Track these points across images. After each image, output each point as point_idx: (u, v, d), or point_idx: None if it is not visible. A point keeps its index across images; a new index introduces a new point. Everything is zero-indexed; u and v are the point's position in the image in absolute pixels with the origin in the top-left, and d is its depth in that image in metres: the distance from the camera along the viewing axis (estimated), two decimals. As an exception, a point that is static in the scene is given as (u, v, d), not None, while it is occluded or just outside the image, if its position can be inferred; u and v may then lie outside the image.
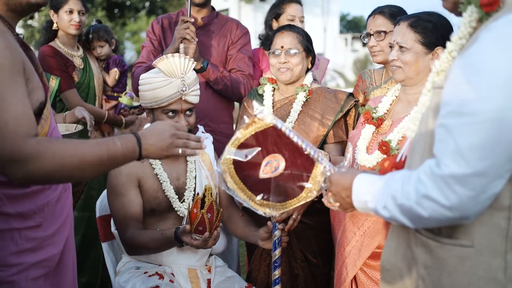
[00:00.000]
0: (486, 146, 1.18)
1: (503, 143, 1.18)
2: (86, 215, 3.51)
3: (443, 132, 1.25)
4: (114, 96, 3.82)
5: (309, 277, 2.74)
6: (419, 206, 1.27)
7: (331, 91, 2.79)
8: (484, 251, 1.29)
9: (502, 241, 1.27)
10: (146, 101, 2.46)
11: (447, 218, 1.25)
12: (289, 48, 2.69)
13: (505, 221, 1.26)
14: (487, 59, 1.20)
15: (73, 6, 3.45)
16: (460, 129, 1.21)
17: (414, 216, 1.30)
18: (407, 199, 1.30)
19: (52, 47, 3.48)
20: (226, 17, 3.47)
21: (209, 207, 2.20)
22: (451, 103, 1.25)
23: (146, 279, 2.39)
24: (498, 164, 1.19)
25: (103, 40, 3.77)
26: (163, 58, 2.38)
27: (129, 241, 2.39)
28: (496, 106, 1.16)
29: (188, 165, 2.60)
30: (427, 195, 1.25)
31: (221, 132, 3.23)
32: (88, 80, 3.60)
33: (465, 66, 1.25)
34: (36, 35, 18.57)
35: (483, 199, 1.21)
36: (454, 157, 1.21)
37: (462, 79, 1.24)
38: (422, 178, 1.27)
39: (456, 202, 1.21)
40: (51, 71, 3.36)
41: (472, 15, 1.34)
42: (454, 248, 1.32)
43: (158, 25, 3.36)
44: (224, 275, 2.57)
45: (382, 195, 1.39)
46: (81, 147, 1.55)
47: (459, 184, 1.20)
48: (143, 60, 3.28)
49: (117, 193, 2.43)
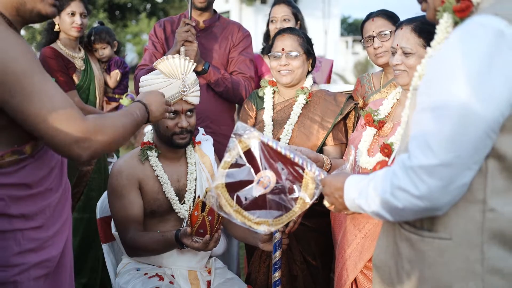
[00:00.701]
0: (453, 138, 1.24)
1: (468, 136, 1.24)
2: (86, 216, 3.51)
3: (415, 127, 1.33)
4: (115, 98, 3.83)
5: (308, 279, 2.75)
6: (394, 197, 1.34)
7: (331, 94, 2.80)
8: (461, 243, 1.34)
9: (478, 233, 1.32)
10: None
11: (420, 208, 1.31)
12: (290, 51, 2.70)
13: (480, 214, 1.31)
14: (451, 55, 1.28)
15: (75, 8, 3.46)
16: (428, 123, 1.28)
17: (391, 208, 1.37)
18: (384, 191, 1.37)
19: (53, 48, 3.49)
20: (228, 20, 3.49)
21: (210, 210, 2.21)
22: (423, 100, 1.33)
23: (146, 280, 2.39)
24: (464, 155, 1.25)
25: (105, 42, 3.78)
26: (163, 60, 2.40)
27: (130, 242, 2.39)
28: (460, 101, 1.23)
29: (188, 167, 2.61)
30: (399, 186, 1.32)
31: (222, 134, 3.24)
32: (88, 82, 3.60)
33: (433, 64, 1.34)
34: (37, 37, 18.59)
35: (451, 189, 1.27)
36: (423, 149, 1.27)
37: (431, 77, 1.33)
38: (395, 170, 1.34)
39: (425, 192, 1.27)
40: (51, 72, 3.37)
41: (448, 21, 1.42)
42: (434, 241, 1.38)
43: (160, 28, 3.37)
44: (224, 277, 2.58)
45: (366, 191, 1.46)
46: (122, 119, 1.77)
47: (427, 174, 1.26)
48: (146, 63, 3.29)
49: (118, 195, 2.44)
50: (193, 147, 2.66)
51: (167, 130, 2.46)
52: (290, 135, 2.70)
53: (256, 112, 2.88)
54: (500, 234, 1.30)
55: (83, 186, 3.53)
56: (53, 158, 1.78)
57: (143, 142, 2.57)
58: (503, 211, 1.30)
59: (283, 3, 3.59)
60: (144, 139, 2.59)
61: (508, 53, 1.22)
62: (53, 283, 1.83)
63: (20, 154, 1.62)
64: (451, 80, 1.26)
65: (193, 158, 2.62)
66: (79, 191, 3.52)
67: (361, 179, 1.55)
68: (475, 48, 1.24)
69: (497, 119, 1.24)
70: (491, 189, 1.30)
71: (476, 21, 1.28)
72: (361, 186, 1.51)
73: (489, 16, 1.27)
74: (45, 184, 1.72)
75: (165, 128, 2.46)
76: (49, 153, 1.75)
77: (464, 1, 1.38)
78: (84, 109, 3.47)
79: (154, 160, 2.52)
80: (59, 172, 1.83)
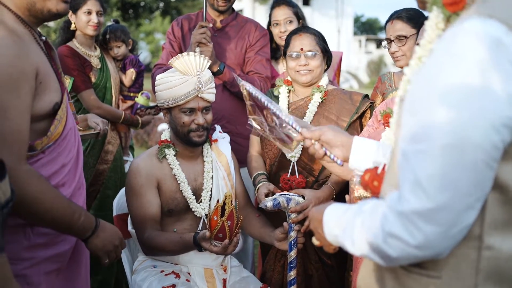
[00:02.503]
0: (446, 174, 1.03)
1: (464, 169, 1.03)
2: (102, 214, 3.53)
3: (402, 159, 1.12)
4: (131, 96, 3.84)
5: (323, 278, 2.75)
6: (387, 245, 1.13)
7: (347, 93, 2.80)
8: (452, 283, 1.15)
9: (472, 273, 1.13)
10: (163, 101, 2.48)
11: (417, 257, 1.12)
12: (309, 50, 2.69)
13: (475, 252, 1.12)
14: (436, 74, 1.06)
15: (91, 7, 3.47)
16: (416, 157, 1.07)
17: (383, 256, 1.16)
18: (374, 236, 1.15)
19: (70, 47, 3.50)
20: (246, 18, 3.47)
21: (229, 214, 2.22)
22: (407, 124, 1.12)
23: (163, 278, 2.41)
24: (463, 193, 1.04)
25: (120, 40, 3.78)
26: (178, 57, 2.41)
27: (147, 241, 2.41)
28: (451, 129, 1.02)
29: (205, 165, 2.62)
30: (392, 234, 1.11)
31: (238, 133, 3.24)
32: (105, 80, 3.62)
33: (418, 81, 1.13)
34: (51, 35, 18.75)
35: (453, 233, 1.07)
36: (413, 190, 1.07)
37: (415, 98, 1.11)
38: (386, 213, 1.13)
39: (422, 240, 1.07)
40: (68, 71, 3.39)
41: (439, 16, 1.21)
42: (421, 278, 1.19)
43: (177, 27, 3.37)
44: (240, 275, 2.59)
45: (351, 229, 1.24)
46: (59, 199, 1.68)
47: (423, 220, 1.06)
48: (163, 62, 3.29)
49: (136, 193, 2.45)
50: (210, 145, 2.68)
51: (183, 126, 2.47)
52: (305, 134, 2.70)
53: (272, 112, 2.88)
54: (496, 274, 1.12)
55: (100, 184, 3.55)
56: (66, 155, 1.80)
57: (160, 140, 2.58)
58: (501, 248, 1.10)
59: (283, 5, 3.52)
60: (162, 137, 2.61)
61: (509, 68, 1.01)
62: (67, 278, 1.87)
63: (30, 150, 1.65)
64: (437, 105, 1.04)
65: (210, 157, 2.63)
66: (96, 190, 3.54)
67: (343, 211, 1.32)
68: (465, 65, 1.02)
69: (496, 145, 1.03)
70: (489, 224, 1.10)
71: (467, 28, 1.05)
72: (345, 221, 1.29)
73: (484, 20, 1.05)
74: (56, 180, 1.75)
75: (182, 124, 2.47)
76: (61, 149, 1.78)
77: None
78: (101, 108, 3.50)
79: (171, 159, 2.53)
80: (73, 168, 1.86)
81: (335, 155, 1.70)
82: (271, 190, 2.59)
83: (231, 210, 2.24)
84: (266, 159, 2.82)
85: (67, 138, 1.80)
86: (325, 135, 1.70)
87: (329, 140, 1.70)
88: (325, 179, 2.68)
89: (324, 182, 2.67)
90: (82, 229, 1.76)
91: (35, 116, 1.64)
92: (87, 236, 1.79)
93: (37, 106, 1.65)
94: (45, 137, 1.69)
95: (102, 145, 3.57)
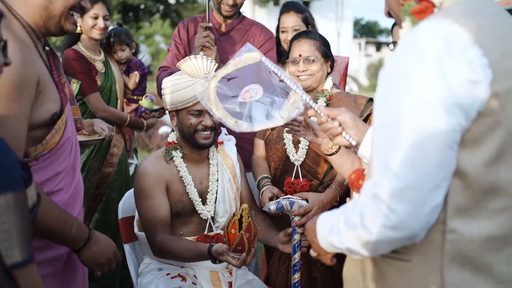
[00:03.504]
0: (413, 157, 1.14)
1: (430, 151, 1.14)
2: (107, 217, 3.54)
3: (374, 148, 1.25)
4: (135, 99, 3.85)
5: (328, 281, 2.75)
6: (365, 230, 1.21)
7: (351, 96, 2.80)
8: (421, 265, 1.25)
9: (438, 255, 1.23)
10: (171, 103, 2.48)
11: (395, 239, 1.20)
12: (308, 56, 2.70)
13: (440, 235, 1.22)
14: (398, 67, 1.20)
15: (98, 11, 3.48)
16: (386, 143, 1.19)
17: (365, 243, 1.23)
18: (354, 225, 1.24)
19: (76, 50, 3.51)
20: (252, 21, 3.46)
21: (247, 227, 2.23)
22: (377, 115, 1.25)
23: (169, 280, 2.41)
24: (430, 174, 1.14)
25: (124, 43, 3.80)
26: (186, 60, 2.42)
27: (159, 245, 2.40)
28: (413, 115, 1.15)
29: (210, 168, 2.62)
30: (369, 217, 1.20)
31: (242, 138, 3.24)
32: (110, 84, 3.63)
33: (383, 76, 1.25)
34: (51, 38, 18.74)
35: (425, 212, 1.16)
36: (385, 173, 1.17)
37: (382, 91, 1.24)
38: (363, 200, 1.23)
39: (397, 220, 1.16)
40: (75, 74, 3.40)
41: (410, 25, 1.32)
42: (394, 262, 1.29)
43: (184, 29, 3.37)
44: (245, 278, 2.60)
45: (337, 226, 1.32)
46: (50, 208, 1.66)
47: (396, 200, 1.15)
48: (168, 65, 3.29)
49: (145, 196, 2.45)
50: (215, 148, 2.68)
51: (190, 127, 2.48)
52: (310, 137, 2.70)
53: (275, 114, 2.89)
54: (460, 256, 1.22)
55: (105, 187, 3.56)
56: (60, 163, 1.81)
57: (168, 142, 2.59)
58: (463, 231, 1.21)
59: (292, 11, 3.52)
60: (168, 139, 2.62)
61: (459, 58, 1.14)
62: (62, 282, 1.86)
63: (24, 157, 1.66)
64: (400, 95, 1.17)
65: (215, 159, 2.64)
66: (101, 193, 3.55)
67: (331, 214, 1.40)
68: (422, 57, 1.15)
69: (455, 127, 1.14)
70: (452, 209, 1.21)
71: (424, 26, 1.19)
72: (332, 221, 1.37)
73: (440, 19, 1.19)
74: (49, 186, 1.76)
75: (189, 125, 2.48)
76: (55, 158, 1.78)
77: (423, 1, 1.28)
78: (107, 111, 3.52)
79: (179, 161, 2.54)
80: (69, 175, 1.87)
81: (350, 135, 1.76)
82: (275, 193, 2.59)
83: (249, 223, 2.24)
84: (271, 162, 2.82)
85: (62, 147, 1.80)
86: (343, 115, 1.77)
87: (345, 120, 1.77)
88: (329, 182, 2.68)
89: (328, 184, 2.68)
90: (73, 239, 1.75)
91: (32, 124, 1.65)
92: (79, 247, 1.78)
93: (35, 115, 1.65)
94: (40, 144, 1.70)
95: (108, 148, 3.58)
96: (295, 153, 2.71)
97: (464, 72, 1.13)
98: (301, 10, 3.55)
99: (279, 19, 3.59)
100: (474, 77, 1.14)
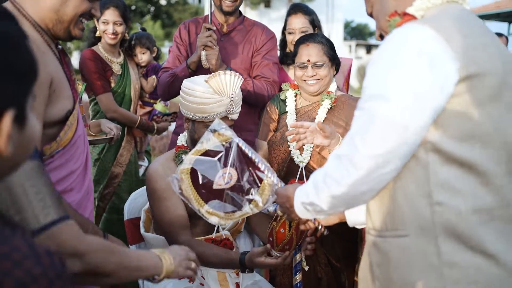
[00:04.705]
0: (375, 141, 1.30)
1: (390, 142, 1.29)
2: (115, 217, 3.56)
3: (353, 120, 1.41)
4: (150, 103, 3.90)
5: (333, 281, 2.77)
6: (325, 184, 1.42)
7: (355, 99, 2.81)
8: (418, 238, 1.36)
9: (431, 227, 1.34)
10: (190, 113, 2.42)
11: (343, 194, 1.39)
12: (316, 62, 2.70)
13: (429, 208, 1.34)
14: (379, 61, 1.36)
15: (108, 17, 3.52)
16: (357, 120, 1.38)
17: (323, 195, 1.44)
18: (318, 181, 1.47)
19: (93, 51, 3.57)
20: (253, 21, 3.46)
21: (296, 226, 2.21)
22: (362, 95, 1.40)
23: (177, 282, 2.41)
24: (388, 161, 1.31)
25: (145, 47, 3.85)
26: (215, 75, 2.35)
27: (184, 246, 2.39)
28: (385, 110, 1.29)
29: (217, 170, 2.63)
30: (328, 173, 1.42)
31: (245, 140, 3.24)
32: (124, 87, 3.67)
33: (369, 67, 1.40)
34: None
35: (371, 178, 1.33)
36: (349, 141, 1.37)
37: (367, 77, 1.39)
38: (329, 160, 1.45)
39: (347, 180, 1.35)
40: (89, 73, 3.46)
41: None
42: (394, 239, 1.40)
43: (185, 30, 3.37)
44: (252, 279, 2.61)
45: (309, 188, 1.54)
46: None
47: (350, 163, 1.34)
48: (169, 66, 3.28)
49: (159, 198, 2.43)
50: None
51: None
52: (314, 139, 2.71)
53: (279, 116, 2.88)
54: (450, 227, 1.32)
55: (114, 187, 3.59)
56: (75, 161, 1.82)
57: (177, 146, 2.58)
58: (449, 204, 1.32)
59: (300, 12, 3.53)
60: (178, 142, 2.60)
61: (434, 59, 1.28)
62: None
63: (40, 155, 1.65)
64: (375, 85, 1.34)
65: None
66: (110, 192, 3.58)
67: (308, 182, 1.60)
68: (400, 58, 1.31)
69: (422, 125, 1.29)
70: (435, 183, 1.33)
71: (403, 30, 1.35)
72: (306, 187, 1.57)
73: (418, 25, 1.34)
74: (63, 185, 1.76)
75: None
76: (70, 155, 1.79)
77: (406, 16, 1.44)
78: (117, 112, 3.55)
79: None
80: (82, 175, 1.87)
81: None
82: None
83: (297, 223, 2.21)
84: (274, 164, 2.80)
85: (76, 144, 1.81)
86: None
87: None
88: None
89: None
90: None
91: (47, 122, 1.66)
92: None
93: (50, 113, 1.66)
94: (54, 142, 1.71)
95: (118, 148, 3.61)
96: (299, 155, 2.72)
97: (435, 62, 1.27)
98: (308, 12, 3.57)
99: (286, 20, 3.59)
100: (443, 68, 1.28)
